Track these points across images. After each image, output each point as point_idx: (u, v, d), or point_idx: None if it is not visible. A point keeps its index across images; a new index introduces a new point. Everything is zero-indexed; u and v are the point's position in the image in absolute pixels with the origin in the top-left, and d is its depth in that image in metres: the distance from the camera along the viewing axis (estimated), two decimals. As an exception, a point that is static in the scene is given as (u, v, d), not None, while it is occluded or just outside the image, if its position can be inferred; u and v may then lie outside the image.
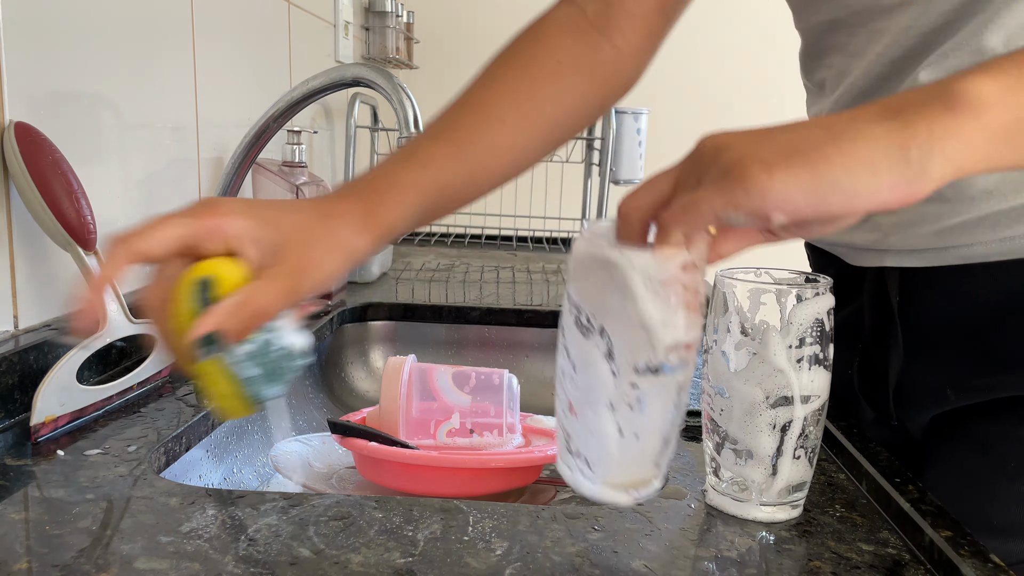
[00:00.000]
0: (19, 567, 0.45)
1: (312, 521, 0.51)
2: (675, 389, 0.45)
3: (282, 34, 1.30)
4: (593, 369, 0.45)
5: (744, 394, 0.52)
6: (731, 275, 0.54)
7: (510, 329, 1.16)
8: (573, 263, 0.46)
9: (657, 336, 0.43)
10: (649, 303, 0.43)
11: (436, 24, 2.32)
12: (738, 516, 0.53)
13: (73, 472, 0.57)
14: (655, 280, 0.43)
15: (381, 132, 1.82)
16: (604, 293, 0.44)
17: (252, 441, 0.83)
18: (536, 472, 0.75)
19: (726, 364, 0.53)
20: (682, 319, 0.43)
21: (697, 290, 0.44)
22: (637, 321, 0.43)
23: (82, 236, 0.68)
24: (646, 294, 0.43)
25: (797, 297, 0.51)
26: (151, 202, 0.90)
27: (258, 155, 0.83)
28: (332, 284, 0.53)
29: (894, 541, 0.51)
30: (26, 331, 0.70)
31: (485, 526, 0.51)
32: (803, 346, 0.51)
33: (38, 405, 0.62)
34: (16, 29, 0.67)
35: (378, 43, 1.78)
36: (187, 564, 0.45)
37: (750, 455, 0.52)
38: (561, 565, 0.46)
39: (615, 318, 0.44)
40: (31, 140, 0.67)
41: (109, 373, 0.77)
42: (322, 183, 1.12)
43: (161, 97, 0.92)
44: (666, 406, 0.45)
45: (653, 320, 0.43)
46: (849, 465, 0.62)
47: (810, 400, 0.52)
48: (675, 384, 0.45)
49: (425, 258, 1.59)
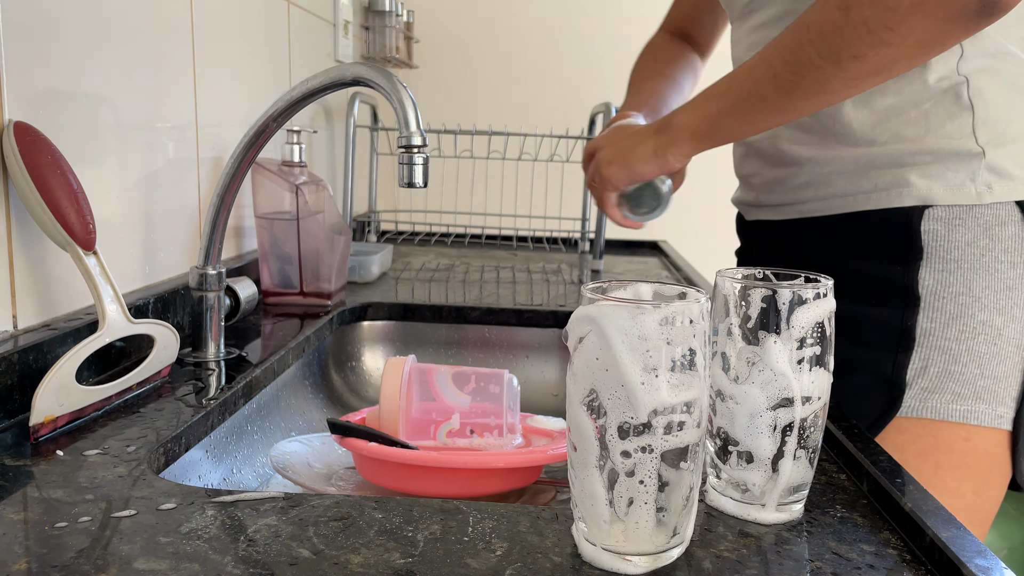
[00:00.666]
0: (18, 567, 0.44)
1: (312, 521, 0.51)
2: (674, 454, 0.44)
3: (282, 33, 1.30)
4: (583, 429, 0.44)
5: (744, 396, 0.52)
6: (731, 276, 0.53)
7: (510, 329, 1.16)
8: (570, 321, 0.45)
9: (637, 397, 0.42)
10: (626, 359, 0.42)
11: (436, 24, 2.32)
12: (739, 517, 0.53)
13: (72, 472, 0.57)
14: (631, 335, 0.42)
15: (381, 132, 1.82)
16: (593, 351, 0.44)
17: (251, 441, 0.82)
18: (536, 473, 0.75)
19: (726, 367, 0.53)
20: (664, 379, 0.43)
21: (690, 347, 0.43)
22: (618, 379, 0.43)
23: (81, 236, 0.68)
24: (622, 348, 0.42)
25: (798, 298, 0.51)
26: (151, 202, 0.90)
27: (257, 155, 0.83)
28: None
29: (895, 542, 0.51)
30: (25, 331, 0.69)
31: (485, 526, 0.51)
32: (803, 347, 0.51)
33: (37, 405, 0.62)
34: (16, 29, 0.67)
35: (378, 42, 1.78)
36: (186, 564, 0.45)
37: (751, 457, 0.52)
38: (561, 566, 0.46)
39: (601, 378, 0.43)
40: (30, 140, 0.67)
41: (108, 373, 0.77)
42: (322, 182, 1.12)
43: (160, 97, 0.92)
44: (664, 472, 0.44)
45: (630, 379, 0.42)
46: (850, 465, 0.62)
47: (811, 401, 0.52)
48: (671, 448, 0.44)
49: (425, 258, 1.59)
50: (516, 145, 2.00)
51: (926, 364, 0.78)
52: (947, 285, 0.77)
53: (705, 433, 0.46)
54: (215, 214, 0.84)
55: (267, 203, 1.10)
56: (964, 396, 0.77)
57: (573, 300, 1.23)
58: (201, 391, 0.75)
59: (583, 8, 2.36)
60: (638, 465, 0.44)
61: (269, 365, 0.86)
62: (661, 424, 0.43)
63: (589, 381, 0.44)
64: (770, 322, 0.51)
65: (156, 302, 0.86)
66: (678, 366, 0.43)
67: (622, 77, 1.18)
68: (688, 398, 0.43)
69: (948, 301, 0.77)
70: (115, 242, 0.84)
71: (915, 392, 0.78)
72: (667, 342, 0.43)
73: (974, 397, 0.77)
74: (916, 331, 0.78)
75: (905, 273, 0.78)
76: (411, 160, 0.74)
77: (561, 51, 2.37)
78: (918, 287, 0.78)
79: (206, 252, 0.85)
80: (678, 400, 0.43)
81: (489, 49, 2.35)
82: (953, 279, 0.77)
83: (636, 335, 0.42)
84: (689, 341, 0.43)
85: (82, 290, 0.77)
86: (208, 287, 0.85)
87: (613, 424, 0.43)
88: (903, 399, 0.78)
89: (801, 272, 0.55)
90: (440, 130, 1.64)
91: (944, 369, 0.77)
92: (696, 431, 0.45)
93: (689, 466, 0.45)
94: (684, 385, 0.43)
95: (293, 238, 1.09)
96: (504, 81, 2.37)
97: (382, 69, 0.75)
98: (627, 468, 0.44)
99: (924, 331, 0.78)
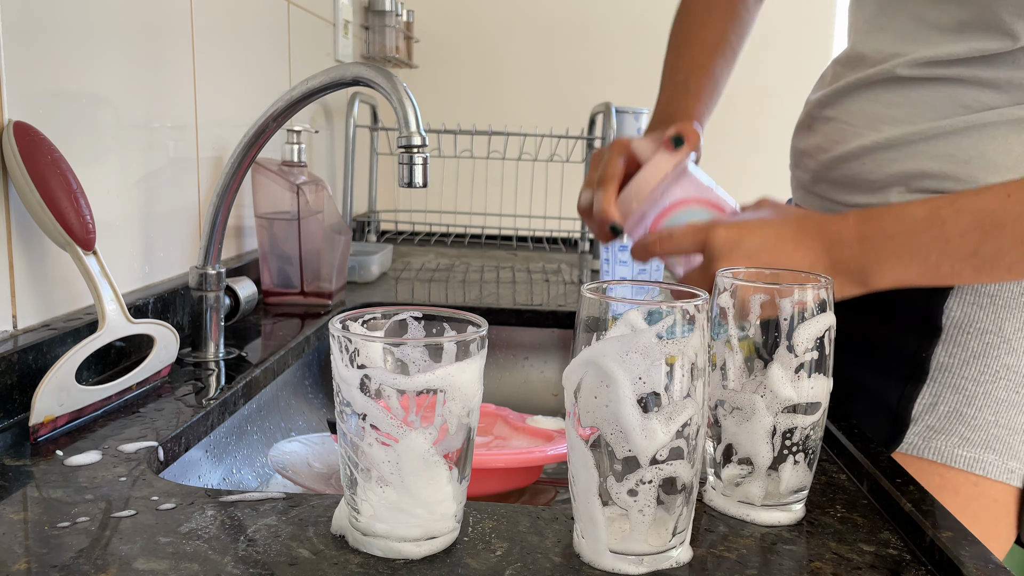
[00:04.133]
0: (18, 567, 0.44)
1: (312, 521, 0.51)
2: (672, 480, 0.44)
3: (281, 33, 1.30)
4: (584, 462, 0.45)
5: (744, 403, 0.52)
6: (731, 278, 0.53)
7: (510, 329, 1.16)
8: (573, 364, 0.45)
9: (636, 442, 0.43)
10: (629, 406, 0.42)
11: (436, 23, 2.32)
12: (738, 517, 0.53)
13: (72, 472, 0.57)
14: (627, 371, 0.42)
15: (381, 131, 1.82)
16: (591, 389, 0.44)
17: (251, 441, 0.82)
18: (536, 472, 0.75)
19: (726, 373, 0.53)
20: (661, 418, 0.43)
21: (686, 373, 0.43)
22: (616, 423, 0.43)
23: (81, 236, 0.68)
24: (630, 396, 0.42)
25: (799, 306, 0.51)
26: (150, 201, 0.90)
27: (257, 154, 0.83)
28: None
29: (895, 542, 0.51)
30: (25, 331, 0.69)
31: (485, 526, 0.51)
32: (803, 354, 0.51)
33: (37, 405, 0.61)
34: (16, 29, 0.67)
35: (378, 42, 1.78)
36: (186, 565, 0.45)
37: (750, 461, 0.52)
38: (561, 566, 0.46)
39: (602, 415, 0.44)
40: (30, 139, 0.66)
41: (108, 373, 0.77)
42: (322, 182, 1.12)
43: (160, 96, 0.92)
44: (663, 495, 0.44)
45: (631, 426, 0.43)
46: (850, 466, 0.62)
47: (810, 407, 0.52)
48: (669, 476, 0.44)
49: (425, 258, 1.59)
50: (516, 145, 2.00)
51: (936, 401, 0.71)
52: (975, 320, 0.70)
53: (702, 448, 0.46)
54: (215, 214, 0.84)
55: (267, 203, 1.10)
56: (973, 442, 0.70)
57: (573, 300, 1.23)
58: (201, 391, 0.75)
59: (583, 8, 2.36)
60: (639, 496, 0.44)
61: (269, 365, 0.86)
62: (661, 458, 0.44)
63: (590, 419, 0.44)
64: (769, 333, 0.51)
65: (156, 302, 0.86)
66: (675, 395, 0.43)
67: (622, 77, 1.18)
68: (685, 419, 0.44)
69: (973, 338, 0.70)
70: (115, 242, 0.84)
71: (920, 429, 0.71)
72: (665, 374, 0.43)
73: (984, 445, 0.70)
74: (931, 364, 0.71)
75: (929, 300, 0.71)
76: (411, 160, 0.74)
77: (561, 51, 2.37)
78: (942, 317, 0.71)
79: (206, 252, 0.85)
80: (675, 428, 0.43)
81: (489, 49, 2.35)
82: (984, 315, 0.70)
83: (632, 374, 0.43)
84: (685, 368, 0.44)
85: (82, 290, 0.77)
86: (208, 287, 0.85)
87: (614, 462, 0.44)
88: (906, 434, 0.72)
89: (802, 271, 0.55)
90: (440, 130, 1.64)
91: (955, 410, 0.70)
92: (695, 454, 0.45)
93: (688, 479, 0.45)
94: (681, 412, 0.44)
95: (293, 238, 1.09)
96: (504, 81, 2.37)
97: (382, 69, 0.75)
98: (627, 502, 0.44)
99: (940, 365, 0.71)
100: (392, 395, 0.44)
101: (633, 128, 1.65)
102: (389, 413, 0.44)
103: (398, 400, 0.44)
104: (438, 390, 0.44)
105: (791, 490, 0.53)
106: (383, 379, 0.44)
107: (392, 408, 0.44)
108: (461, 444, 0.46)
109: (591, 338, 0.44)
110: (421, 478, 0.45)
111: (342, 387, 0.45)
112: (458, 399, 0.45)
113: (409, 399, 0.44)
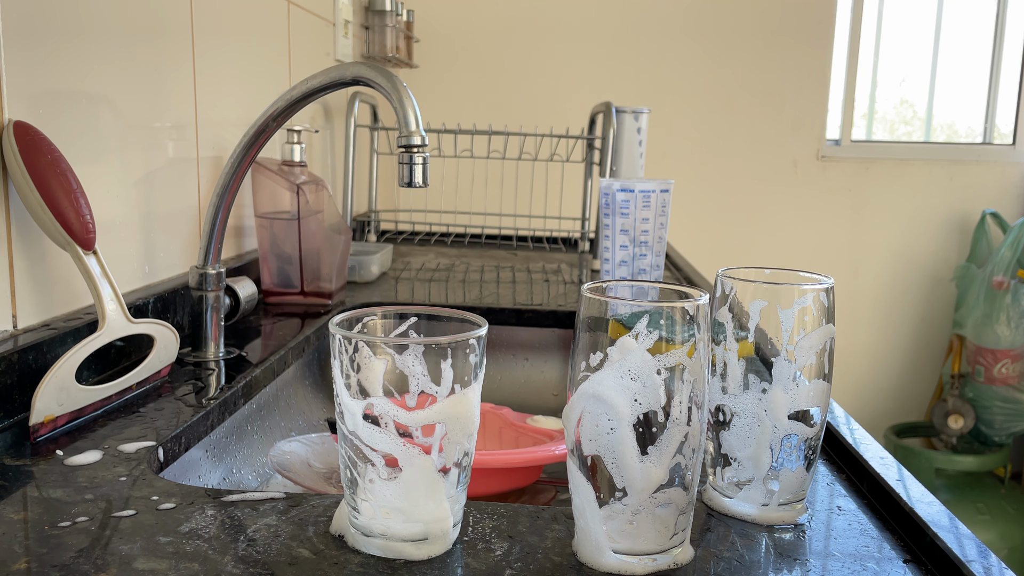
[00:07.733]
0: (18, 567, 0.44)
1: (312, 521, 0.51)
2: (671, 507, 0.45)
3: (281, 33, 1.30)
4: (583, 487, 0.45)
5: (744, 408, 0.52)
6: (731, 279, 0.53)
7: (510, 329, 1.16)
8: (575, 396, 0.46)
9: (631, 477, 0.43)
10: (628, 437, 0.43)
11: (436, 23, 2.32)
12: (738, 517, 0.53)
13: (72, 472, 0.57)
14: (626, 400, 0.43)
15: (381, 131, 1.82)
16: (592, 420, 0.44)
17: (251, 441, 0.82)
18: (536, 472, 0.75)
19: (725, 378, 0.53)
20: (657, 452, 0.43)
21: (687, 395, 0.44)
22: (613, 454, 0.43)
23: (81, 236, 0.68)
24: (629, 430, 0.43)
25: (799, 309, 0.51)
26: (150, 201, 0.90)
27: (257, 154, 0.83)
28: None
29: (895, 542, 0.51)
30: (25, 331, 0.69)
31: (485, 526, 0.51)
32: (803, 361, 0.51)
33: (37, 405, 0.62)
34: (16, 29, 0.67)
35: (378, 42, 1.78)
36: (186, 564, 0.45)
37: (751, 465, 0.52)
38: (561, 566, 0.46)
39: (604, 442, 0.44)
40: (30, 139, 0.66)
41: (108, 373, 0.77)
42: (322, 182, 1.12)
43: (160, 96, 0.92)
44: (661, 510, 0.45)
45: (627, 459, 0.43)
46: (850, 465, 0.62)
47: (810, 412, 0.52)
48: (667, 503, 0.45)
49: (425, 258, 1.59)
50: (516, 145, 2.00)
51: None
52: None
53: (701, 459, 0.47)
54: (215, 214, 0.84)
55: (267, 203, 1.10)
56: None
57: (573, 300, 1.22)
58: (201, 391, 0.75)
59: (583, 8, 2.36)
60: (639, 513, 0.45)
61: (269, 365, 0.86)
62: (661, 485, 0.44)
63: (591, 448, 0.45)
64: (770, 327, 0.51)
65: (156, 302, 0.86)
66: (674, 420, 0.44)
67: (622, 77, 1.18)
68: (681, 438, 0.44)
69: None
70: (115, 242, 0.84)
71: None
72: (662, 403, 0.43)
73: None
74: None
75: None
76: (411, 160, 0.74)
77: (561, 51, 2.37)
78: None
79: (206, 252, 0.85)
80: (672, 455, 0.44)
81: (489, 49, 2.35)
82: None
83: (628, 398, 0.43)
84: (684, 390, 0.44)
85: (82, 290, 0.77)
86: (208, 287, 0.85)
87: (613, 487, 0.44)
88: None
89: (802, 271, 0.55)
90: (440, 130, 1.64)
91: None
92: (692, 476, 0.46)
93: (688, 483, 0.45)
94: (675, 436, 0.44)
95: (293, 238, 1.09)
96: (504, 81, 2.37)
97: (382, 68, 0.75)
98: (626, 519, 0.45)
99: None
100: (391, 423, 0.45)
101: (633, 127, 1.65)
102: (390, 438, 0.45)
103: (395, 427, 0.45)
104: (438, 423, 0.45)
105: (791, 490, 0.53)
106: (385, 409, 0.44)
107: (393, 431, 0.45)
108: (460, 457, 0.46)
109: (591, 339, 0.45)
110: (420, 486, 0.45)
111: (346, 415, 0.46)
112: (458, 429, 0.45)
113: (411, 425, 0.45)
